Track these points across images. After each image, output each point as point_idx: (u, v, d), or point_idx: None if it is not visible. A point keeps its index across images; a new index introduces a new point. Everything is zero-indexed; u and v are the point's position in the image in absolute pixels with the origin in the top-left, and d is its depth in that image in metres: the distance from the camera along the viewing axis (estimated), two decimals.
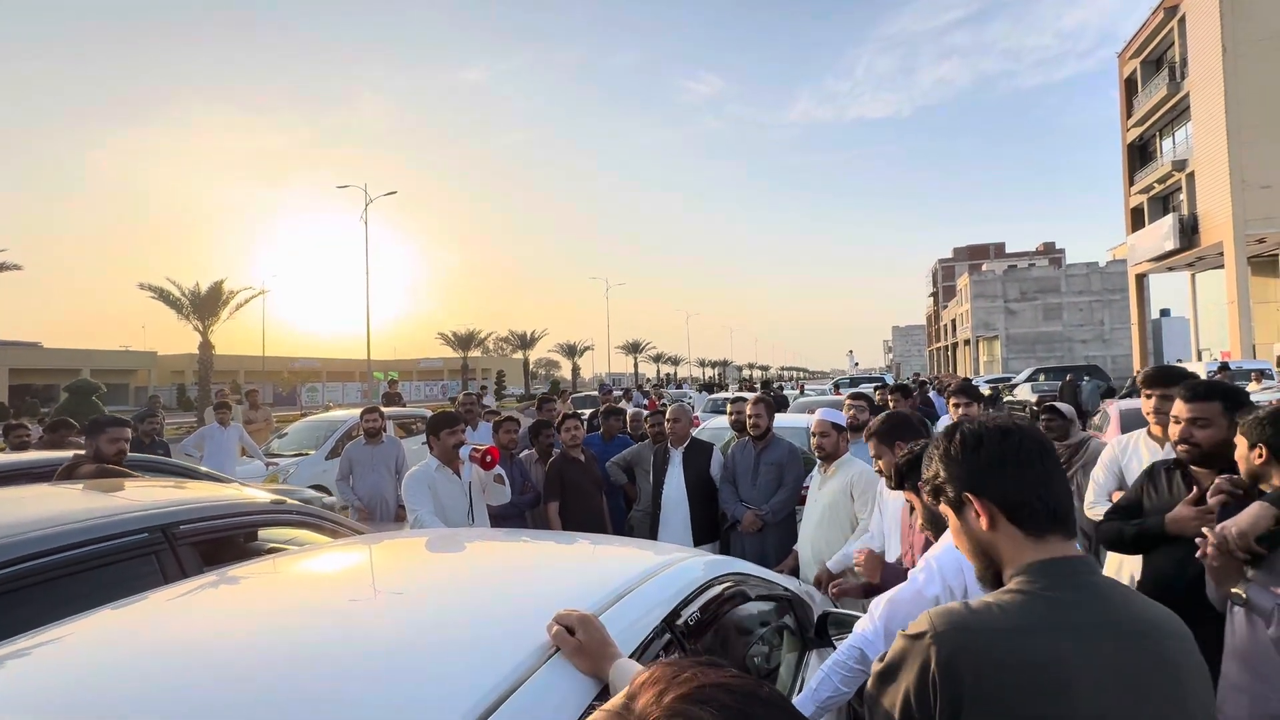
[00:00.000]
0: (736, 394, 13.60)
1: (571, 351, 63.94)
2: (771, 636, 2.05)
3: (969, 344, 59.65)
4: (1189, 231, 25.87)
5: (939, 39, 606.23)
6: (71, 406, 20.41)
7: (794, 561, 3.77)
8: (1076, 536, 1.16)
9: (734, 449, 4.61)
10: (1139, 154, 31.51)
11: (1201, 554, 1.75)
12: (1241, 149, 22.95)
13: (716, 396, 18.29)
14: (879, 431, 2.72)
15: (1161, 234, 27.05)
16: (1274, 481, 1.81)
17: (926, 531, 2.07)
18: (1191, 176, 26.23)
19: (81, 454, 3.57)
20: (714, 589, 1.65)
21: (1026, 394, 22.19)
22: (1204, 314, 29.46)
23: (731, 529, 4.37)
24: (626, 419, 6.42)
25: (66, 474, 3.35)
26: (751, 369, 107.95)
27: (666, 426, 4.79)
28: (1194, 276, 29.79)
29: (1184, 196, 27.21)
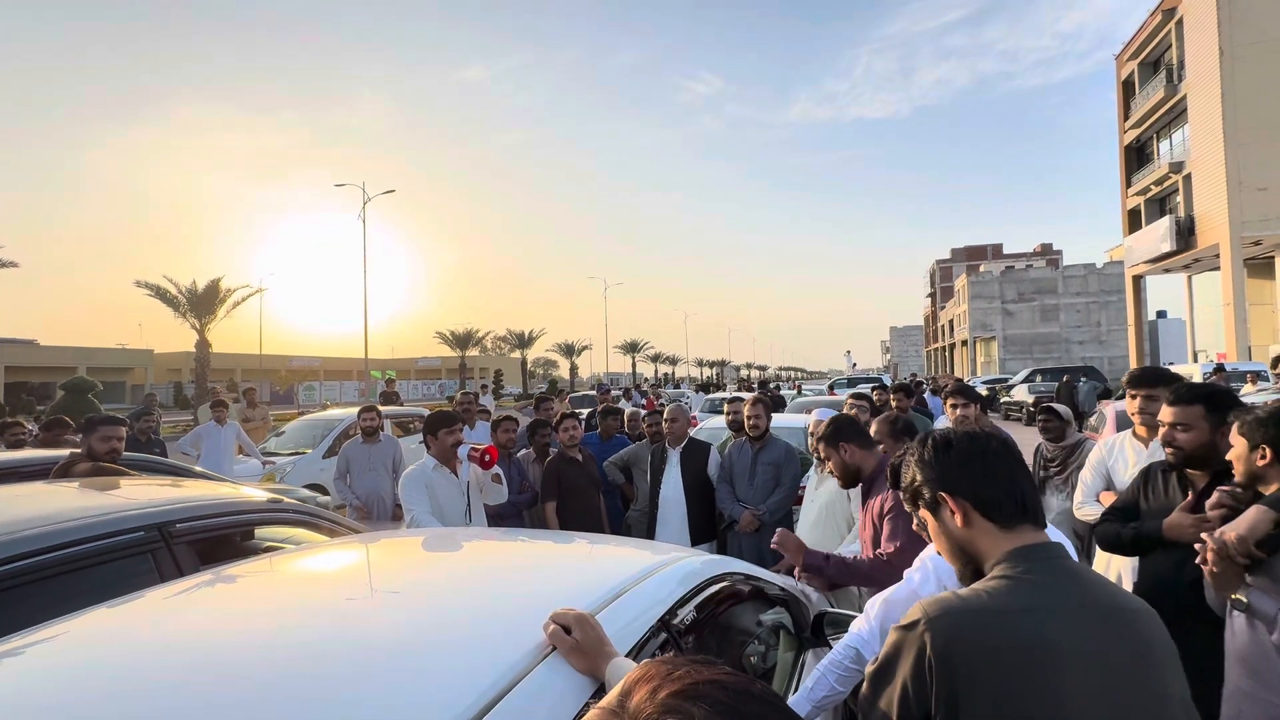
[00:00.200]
0: (734, 394, 13.62)
1: (569, 351, 63.88)
2: (768, 636, 2.05)
3: (966, 345, 59.75)
4: (1185, 233, 25.94)
5: (937, 40, 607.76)
6: (68, 404, 20.37)
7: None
8: (1046, 526, 1.21)
9: (731, 449, 4.61)
10: (1136, 156, 31.57)
11: (1202, 559, 1.73)
12: (1238, 151, 23.03)
13: (714, 396, 18.35)
14: (824, 436, 2.87)
15: (1158, 236, 27.12)
16: (1274, 483, 1.77)
17: (923, 532, 2.07)
18: (1188, 178, 26.30)
19: (78, 452, 3.57)
20: (711, 589, 1.65)
21: (1023, 395, 22.26)
22: (1200, 316, 29.54)
23: (729, 529, 4.38)
24: (624, 418, 6.43)
25: (62, 472, 3.34)
26: (749, 369, 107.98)
27: (664, 426, 4.79)
28: (1190, 278, 29.87)
29: (1181, 198, 27.28)
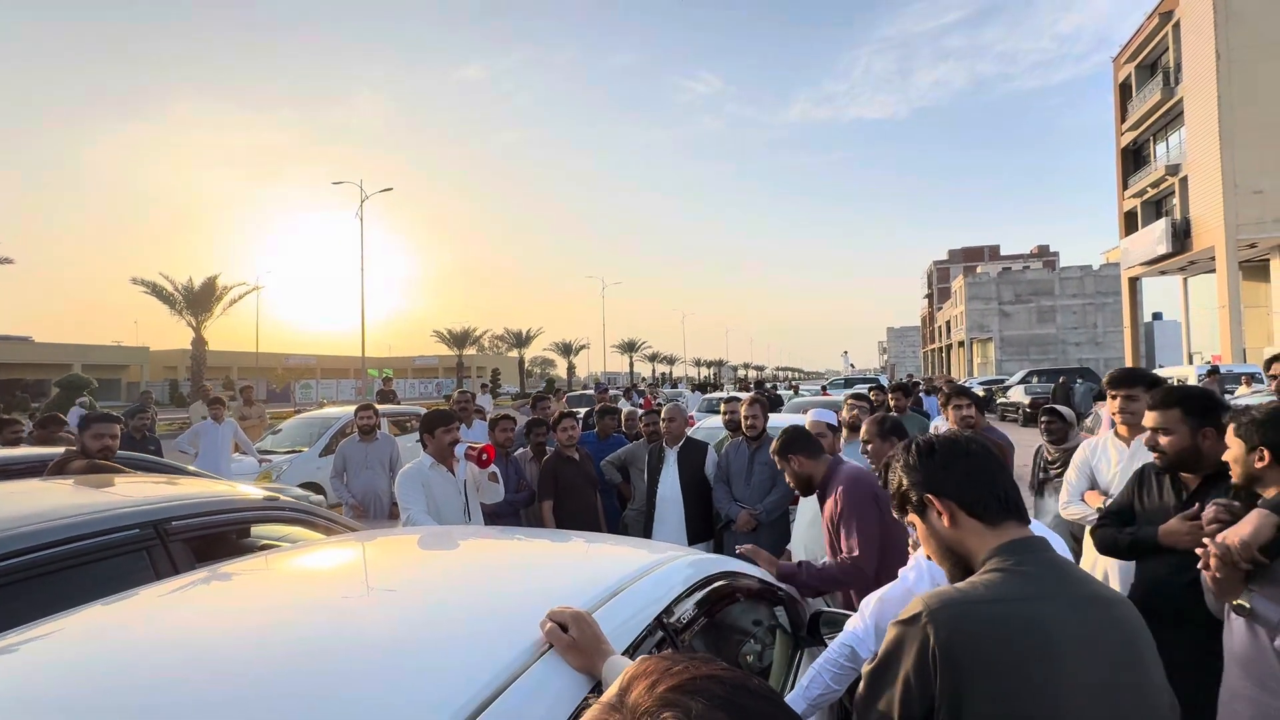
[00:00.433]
0: (731, 394, 13.63)
1: (567, 350, 63.92)
2: (764, 635, 2.06)
3: (963, 346, 59.89)
4: (1181, 236, 26.04)
5: (936, 41, 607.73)
6: (63, 402, 20.31)
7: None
8: (1030, 522, 1.24)
9: (728, 449, 4.62)
10: (1133, 158, 31.67)
11: (1203, 564, 1.70)
12: (1234, 154, 23.13)
13: (711, 396, 18.38)
14: (775, 450, 2.97)
15: (1154, 238, 27.22)
16: (1273, 486, 1.74)
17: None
18: (1185, 181, 26.39)
19: (73, 449, 3.56)
20: (707, 587, 1.65)
21: (1019, 396, 22.33)
22: (1196, 317, 29.67)
23: (726, 528, 4.38)
24: (622, 418, 6.43)
25: (58, 469, 3.34)
26: (747, 369, 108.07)
27: (661, 426, 4.80)
28: (1186, 280, 29.98)
29: (1177, 201, 27.38)
